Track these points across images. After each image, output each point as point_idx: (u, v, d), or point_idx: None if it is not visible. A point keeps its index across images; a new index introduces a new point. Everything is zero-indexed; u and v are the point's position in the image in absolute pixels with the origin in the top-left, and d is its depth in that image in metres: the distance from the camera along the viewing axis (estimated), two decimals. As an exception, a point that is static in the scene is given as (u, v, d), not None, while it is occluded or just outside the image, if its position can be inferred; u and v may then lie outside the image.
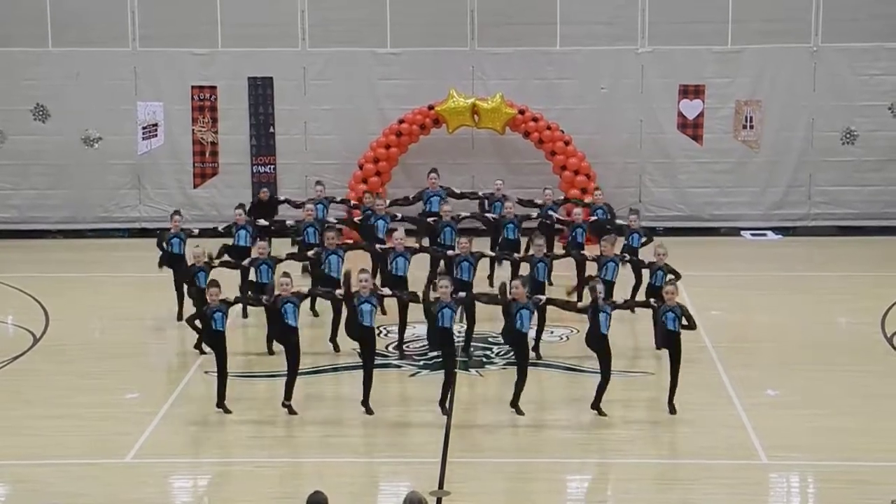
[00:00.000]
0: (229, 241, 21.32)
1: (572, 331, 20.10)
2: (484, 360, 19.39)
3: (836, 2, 27.77)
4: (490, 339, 20.00)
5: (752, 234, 28.27)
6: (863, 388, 17.92)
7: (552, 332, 19.89)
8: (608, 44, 28.08)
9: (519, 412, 16.96)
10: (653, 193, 28.53)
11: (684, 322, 16.84)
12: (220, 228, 21.85)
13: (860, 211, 28.54)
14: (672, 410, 16.93)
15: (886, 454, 15.68)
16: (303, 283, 19.42)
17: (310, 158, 28.49)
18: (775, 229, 28.39)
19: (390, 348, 19.83)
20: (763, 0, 27.79)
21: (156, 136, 28.43)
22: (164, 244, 21.26)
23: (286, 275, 17.45)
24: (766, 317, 21.46)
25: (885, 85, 28.06)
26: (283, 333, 17.33)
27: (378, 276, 20.51)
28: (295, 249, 21.64)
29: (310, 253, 20.46)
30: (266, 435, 16.65)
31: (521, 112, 27.54)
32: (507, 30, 28.07)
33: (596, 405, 16.93)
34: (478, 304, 18.83)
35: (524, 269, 19.99)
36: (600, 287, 17.08)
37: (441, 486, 14.72)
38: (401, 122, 27.74)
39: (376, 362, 17.46)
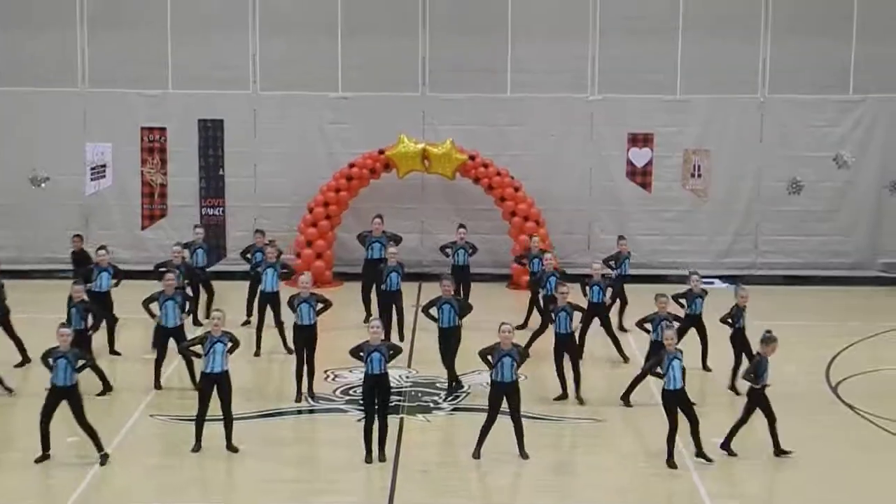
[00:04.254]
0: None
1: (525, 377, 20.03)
2: (432, 405, 19.28)
3: (783, 54, 28.10)
4: (437, 385, 19.92)
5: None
6: (808, 437, 17.93)
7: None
8: (559, 91, 28.21)
9: (523, 456, 16.88)
10: (602, 240, 28.57)
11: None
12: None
13: (806, 261, 28.77)
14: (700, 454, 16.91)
15: (834, 499, 15.74)
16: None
17: (259, 201, 28.38)
18: (723, 277, 28.50)
19: (337, 392, 19.71)
20: (711, 51, 28.07)
21: (104, 177, 28.16)
22: (93, 279, 21.51)
23: (218, 310, 17.33)
24: (712, 364, 21.45)
25: (830, 136, 28.37)
26: (207, 378, 17.02)
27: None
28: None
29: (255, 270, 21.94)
30: (210, 480, 16.49)
31: (472, 158, 27.58)
32: (459, 76, 28.17)
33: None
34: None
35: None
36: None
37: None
38: (351, 165, 27.70)
39: (319, 406, 17.26)
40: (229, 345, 17.00)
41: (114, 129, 28.10)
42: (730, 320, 19.83)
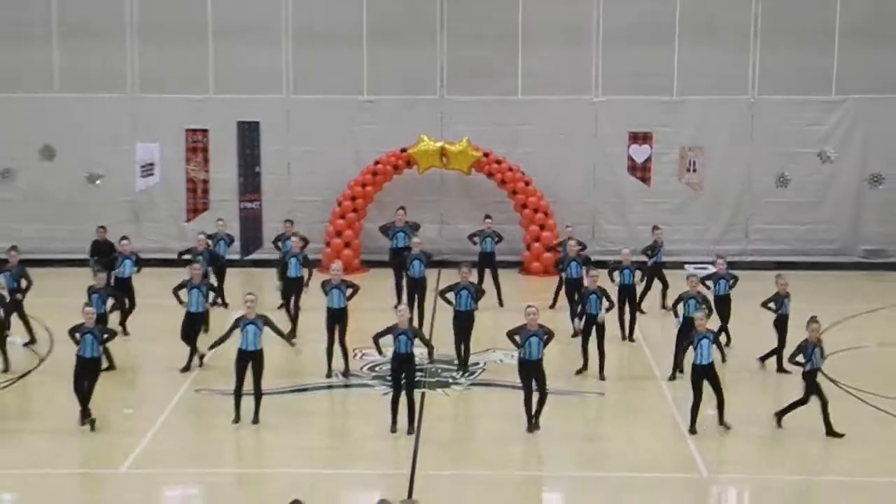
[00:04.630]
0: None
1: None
2: (450, 380, 19.38)
3: (771, 58, 28.06)
4: (455, 363, 20.02)
5: (695, 268, 28.29)
6: (794, 410, 17.99)
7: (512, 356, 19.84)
8: (566, 93, 28.25)
9: (536, 427, 16.83)
10: (605, 230, 28.66)
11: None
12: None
13: (793, 248, 28.76)
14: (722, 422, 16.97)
15: (818, 469, 15.97)
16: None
17: (292, 196, 28.49)
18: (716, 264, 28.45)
19: (364, 369, 19.82)
20: (706, 55, 28.05)
21: (153, 174, 28.34)
22: (117, 266, 21.91)
23: (251, 293, 17.44)
24: (735, 345, 21.38)
25: (815, 134, 28.36)
26: (242, 356, 17.06)
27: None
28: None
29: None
30: (249, 448, 16.66)
31: (486, 155, 27.67)
32: (474, 80, 28.22)
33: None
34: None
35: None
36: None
37: (410, 495, 14.69)
38: (376, 163, 27.81)
39: (349, 382, 17.42)
40: (264, 327, 17.06)
41: (161, 130, 28.24)
42: (772, 305, 19.66)
